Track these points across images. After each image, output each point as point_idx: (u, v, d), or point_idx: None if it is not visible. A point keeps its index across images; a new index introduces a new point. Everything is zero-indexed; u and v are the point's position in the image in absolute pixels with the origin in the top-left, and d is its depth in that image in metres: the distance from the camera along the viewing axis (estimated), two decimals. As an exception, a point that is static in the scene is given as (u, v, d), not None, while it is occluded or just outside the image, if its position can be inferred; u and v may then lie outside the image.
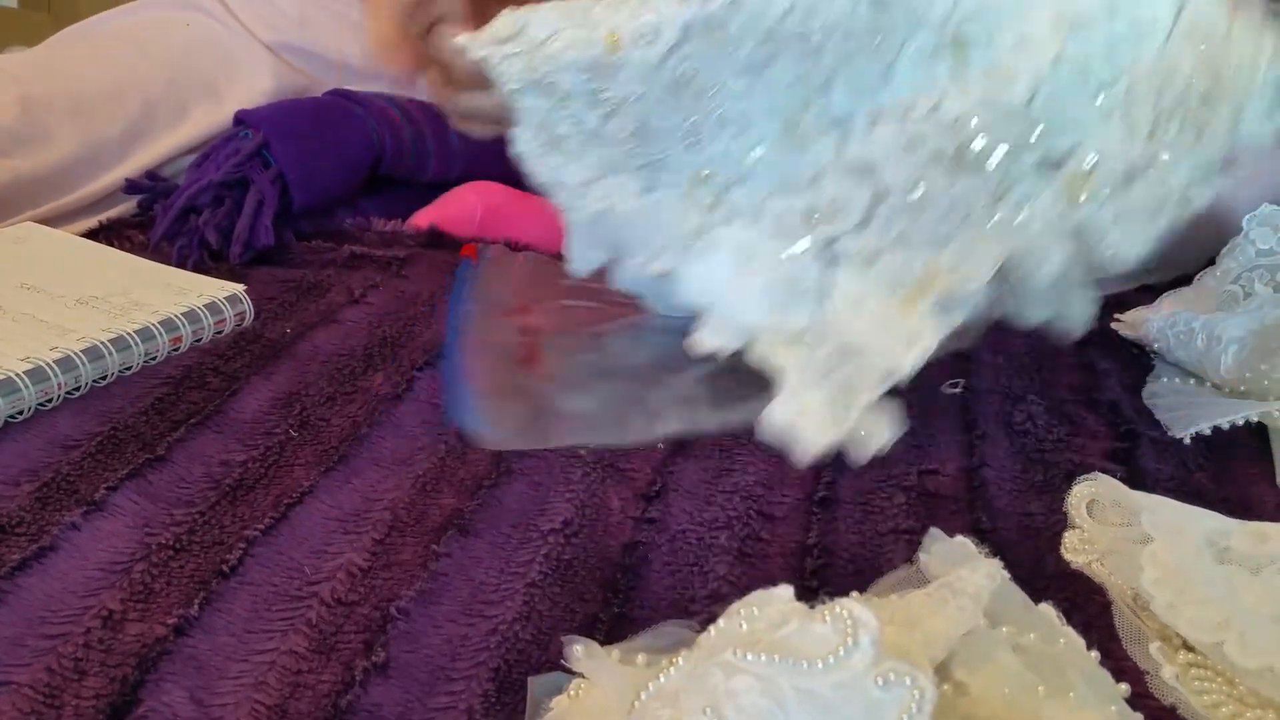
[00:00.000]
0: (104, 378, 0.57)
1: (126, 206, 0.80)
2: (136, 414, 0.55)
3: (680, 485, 0.52)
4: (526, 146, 0.46)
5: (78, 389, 0.56)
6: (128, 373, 0.59)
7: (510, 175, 0.87)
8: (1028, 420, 0.58)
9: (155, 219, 0.74)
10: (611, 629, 0.43)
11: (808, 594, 0.45)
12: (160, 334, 0.60)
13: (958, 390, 0.60)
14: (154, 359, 0.60)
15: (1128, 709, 0.35)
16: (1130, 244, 0.38)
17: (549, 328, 0.67)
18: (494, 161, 0.87)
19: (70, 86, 0.77)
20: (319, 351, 0.63)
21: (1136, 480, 0.52)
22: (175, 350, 0.61)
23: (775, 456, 0.55)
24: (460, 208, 0.82)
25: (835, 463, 0.54)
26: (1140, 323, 0.65)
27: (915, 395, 0.59)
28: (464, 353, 0.60)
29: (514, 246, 0.79)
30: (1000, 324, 0.67)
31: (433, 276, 0.74)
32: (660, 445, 0.55)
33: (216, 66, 0.81)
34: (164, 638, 0.41)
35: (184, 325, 0.61)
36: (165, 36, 0.80)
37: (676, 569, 0.47)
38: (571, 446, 0.54)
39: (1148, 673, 0.40)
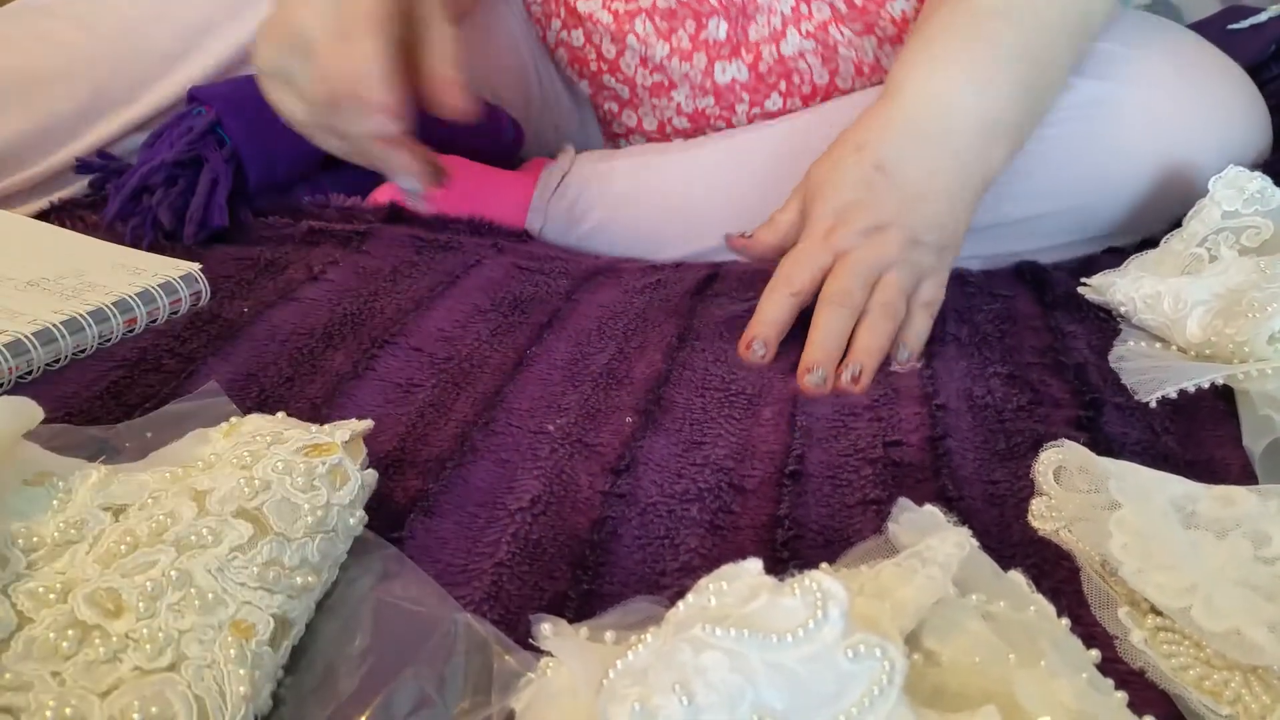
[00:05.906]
0: (56, 361, 0.56)
1: (78, 186, 0.78)
2: (91, 398, 0.54)
3: (650, 459, 0.52)
4: None
5: (29, 373, 0.55)
6: (81, 356, 0.57)
7: (472, 149, 0.86)
8: (988, 393, 0.58)
9: (108, 199, 0.73)
10: (581, 606, 0.42)
11: (779, 565, 0.44)
12: (114, 315, 0.58)
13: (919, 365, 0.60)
14: (108, 341, 0.59)
15: (1099, 675, 0.35)
16: None
17: None
18: (455, 137, 0.86)
19: (15, 64, 0.75)
20: (277, 331, 0.62)
21: (1103, 445, 0.52)
22: (130, 332, 0.60)
23: (745, 429, 0.54)
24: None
25: (804, 437, 0.54)
26: (1107, 286, 0.65)
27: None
28: None
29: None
30: (965, 293, 0.67)
31: (393, 252, 0.72)
32: (628, 419, 0.55)
33: (168, 41, 0.79)
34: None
35: (138, 306, 0.60)
36: (113, 11, 0.78)
37: (647, 543, 0.46)
38: None
39: (1117, 637, 0.40)
